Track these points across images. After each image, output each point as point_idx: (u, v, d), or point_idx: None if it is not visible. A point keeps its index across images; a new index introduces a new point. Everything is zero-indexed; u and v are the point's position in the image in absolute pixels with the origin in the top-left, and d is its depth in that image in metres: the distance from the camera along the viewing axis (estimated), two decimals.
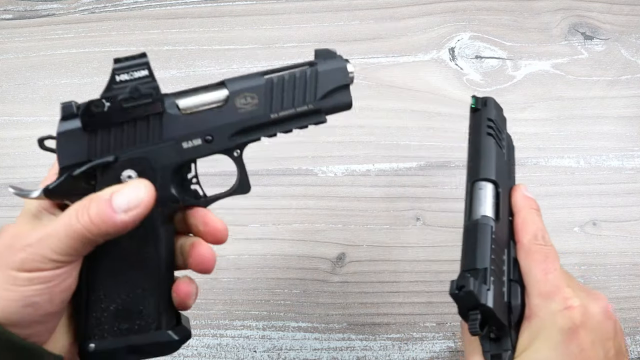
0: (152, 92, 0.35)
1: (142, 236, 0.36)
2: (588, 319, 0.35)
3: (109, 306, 0.36)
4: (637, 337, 0.57)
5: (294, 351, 0.57)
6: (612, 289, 0.59)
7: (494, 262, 0.38)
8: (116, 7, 0.74)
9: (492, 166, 0.43)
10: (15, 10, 0.75)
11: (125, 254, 0.36)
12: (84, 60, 0.71)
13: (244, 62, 0.70)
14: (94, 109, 0.35)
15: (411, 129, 0.66)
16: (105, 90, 0.35)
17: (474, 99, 0.47)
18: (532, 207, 0.42)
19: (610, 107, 0.67)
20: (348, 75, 0.39)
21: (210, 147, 0.37)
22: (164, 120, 0.36)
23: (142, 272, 0.36)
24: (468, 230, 0.41)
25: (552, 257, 0.38)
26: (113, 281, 0.36)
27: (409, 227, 0.62)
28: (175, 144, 0.36)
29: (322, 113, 0.39)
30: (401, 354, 0.56)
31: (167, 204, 0.37)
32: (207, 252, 0.37)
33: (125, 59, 0.35)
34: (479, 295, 0.35)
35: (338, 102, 0.39)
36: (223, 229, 0.38)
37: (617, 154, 0.64)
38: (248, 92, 0.37)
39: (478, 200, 0.42)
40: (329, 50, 0.40)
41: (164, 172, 0.36)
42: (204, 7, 0.73)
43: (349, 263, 0.60)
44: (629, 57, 0.69)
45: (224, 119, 0.37)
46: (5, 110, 0.69)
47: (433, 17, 0.72)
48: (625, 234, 0.61)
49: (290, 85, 0.38)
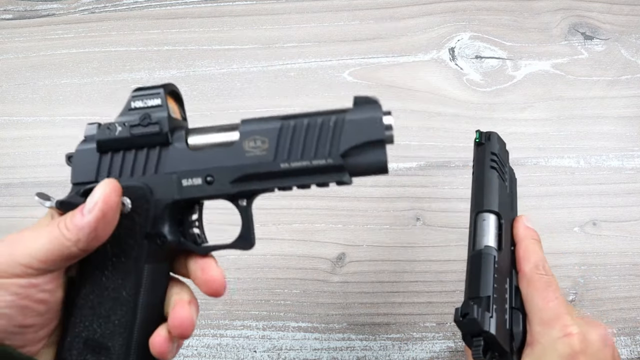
0: (160, 121, 0.34)
1: (124, 269, 0.34)
2: (587, 346, 0.36)
3: (81, 333, 0.34)
4: (637, 337, 0.57)
5: (294, 351, 0.57)
6: (612, 289, 0.59)
7: (496, 291, 0.39)
8: (116, 7, 0.74)
9: (495, 198, 0.45)
10: (15, 10, 0.75)
11: (107, 284, 0.34)
12: (84, 60, 0.71)
13: (244, 62, 0.70)
14: (107, 132, 0.35)
15: (411, 129, 0.66)
16: (120, 114, 0.35)
17: (478, 133, 0.49)
18: (533, 238, 0.44)
19: (610, 107, 0.67)
20: (383, 128, 0.33)
21: (210, 189, 0.34)
22: (168, 152, 0.35)
23: (118, 307, 0.34)
24: (472, 259, 0.42)
25: (553, 286, 0.39)
26: (90, 309, 0.34)
27: (409, 227, 0.62)
28: (176, 179, 0.34)
29: (344, 171, 0.33)
30: (401, 354, 0.56)
31: (154, 240, 0.34)
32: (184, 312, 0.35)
33: (146, 88, 0.35)
34: (482, 322, 0.37)
35: (367, 161, 0.33)
36: (219, 279, 0.35)
37: (617, 154, 0.64)
38: (259, 135, 0.34)
39: (482, 230, 0.43)
40: (369, 98, 0.34)
41: (158, 206, 0.34)
42: (204, 7, 0.73)
43: (349, 263, 0.60)
44: (629, 57, 0.69)
45: (227, 160, 0.34)
46: (5, 110, 0.69)
47: (433, 17, 0.72)
48: (625, 234, 0.61)
49: (309, 132, 0.33)
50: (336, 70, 0.69)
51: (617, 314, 0.58)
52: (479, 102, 0.67)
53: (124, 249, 0.34)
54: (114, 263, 0.34)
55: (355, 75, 0.69)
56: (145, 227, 0.34)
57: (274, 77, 0.69)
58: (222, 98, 0.68)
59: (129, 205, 0.34)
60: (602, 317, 0.58)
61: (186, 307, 0.35)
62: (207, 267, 0.35)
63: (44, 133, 0.68)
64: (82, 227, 0.31)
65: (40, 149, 0.67)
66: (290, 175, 0.34)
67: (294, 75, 0.69)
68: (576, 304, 0.58)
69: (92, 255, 0.34)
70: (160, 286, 0.36)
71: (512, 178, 0.49)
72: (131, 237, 0.34)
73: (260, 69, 0.70)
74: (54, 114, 0.68)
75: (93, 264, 0.35)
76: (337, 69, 0.69)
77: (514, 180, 0.49)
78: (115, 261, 0.34)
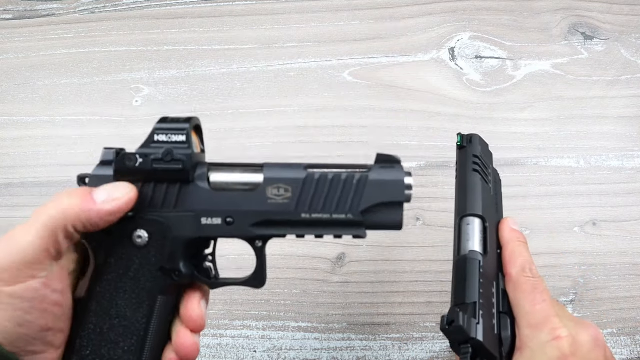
0: (184, 159, 0.34)
1: (137, 300, 0.35)
2: (577, 349, 0.36)
3: (88, 356, 0.34)
4: (637, 337, 0.57)
5: (294, 351, 0.57)
6: (612, 289, 0.59)
7: (483, 296, 0.39)
8: (116, 7, 0.74)
9: (479, 201, 0.44)
10: (15, 10, 0.75)
11: (119, 313, 0.35)
12: (84, 60, 0.71)
13: (244, 62, 0.70)
14: (127, 162, 0.34)
15: (411, 129, 0.66)
16: (142, 146, 0.35)
17: (459, 136, 0.48)
18: (519, 240, 0.43)
19: (610, 107, 0.67)
20: (404, 191, 0.34)
21: (229, 230, 0.35)
22: (189, 190, 0.35)
23: (128, 334, 0.35)
24: (457, 265, 0.42)
25: (541, 289, 0.39)
26: (99, 335, 0.35)
27: (409, 227, 0.62)
28: (195, 217, 0.35)
29: (362, 227, 0.35)
30: (401, 354, 0.56)
31: (170, 275, 0.35)
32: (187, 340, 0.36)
33: (171, 120, 0.35)
34: (468, 329, 0.36)
35: (384, 219, 0.34)
36: (198, 318, 0.36)
37: (617, 154, 0.64)
38: (283, 184, 0.34)
39: (466, 235, 0.43)
40: (392, 157, 0.35)
41: (175, 242, 0.35)
42: (204, 7, 0.73)
43: (349, 263, 0.60)
44: (629, 57, 0.69)
45: (249, 205, 0.34)
46: (5, 110, 0.69)
47: (433, 17, 0.72)
48: (625, 234, 0.61)
49: (333, 187, 0.34)
50: (336, 70, 0.69)
51: (617, 314, 0.58)
52: (479, 102, 0.67)
53: (138, 280, 0.35)
54: (127, 293, 0.35)
55: (355, 75, 0.69)
56: (161, 261, 0.35)
57: (274, 77, 0.69)
58: (222, 98, 0.68)
59: (145, 239, 0.35)
60: (602, 317, 0.58)
61: (188, 335, 0.36)
62: (189, 304, 0.37)
63: (44, 133, 0.68)
64: (89, 210, 0.32)
65: (40, 149, 0.67)
66: (309, 225, 0.35)
67: (294, 75, 0.69)
68: (576, 304, 0.58)
69: (104, 283, 0.35)
70: (169, 314, 0.36)
71: (497, 180, 0.48)
72: (146, 270, 0.35)
73: (260, 69, 0.70)
74: (54, 114, 0.68)
75: (105, 292, 0.35)
76: (337, 69, 0.69)
77: (498, 182, 0.48)
78: (129, 292, 0.35)
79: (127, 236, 0.35)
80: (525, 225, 0.61)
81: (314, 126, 0.66)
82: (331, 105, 0.67)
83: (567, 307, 0.58)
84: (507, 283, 0.41)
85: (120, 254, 0.35)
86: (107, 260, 0.35)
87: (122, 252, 0.35)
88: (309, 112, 0.67)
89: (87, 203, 0.32)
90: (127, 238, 0.35)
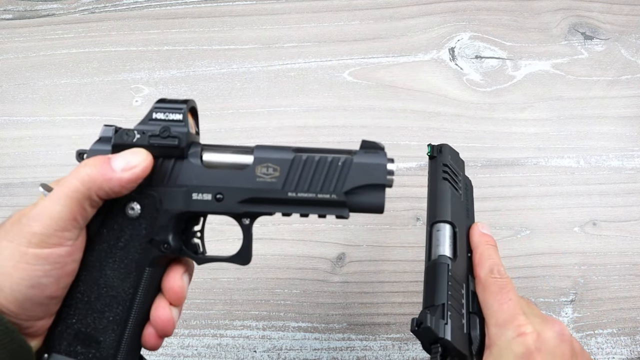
0: (179, 136, 0.35)
1: (126, 270, 0.36)
2: (542, 344, 0.37)
3: (73, 324, 0.36)
4: (637, 337, 0.57)
5: (294, 351, 0.57)
6: (612, 289, 0.59)
7: (451, 298, 0.40)
8: (116, 7, 0.74)
9: (447, 208, 0.46)
10: (15, 10, 0.75)
11: (107, 282, 0.36)
12: (84, 60, 0.71)
13: (244, 62, 0.70)
14: (125, 137, 0.36)
15: (411, 129, 0.66)
16: (140, 123, 0.36)
17: (429, 147, 0.50)
18: (488, 243, 0.45)
19: (610, 107, 0.67)
20: (386, 175, 0.36)
21: (218, 206, 0.36)
22: (182, 166, 0.36)
23: (114, 304, 0.36)
24: (427, 270, 0.44)
25: (507, 288, 0.40)
26: (86, 303, 0.36)
27: (409, 227, 0.62)
28: (186, 192, 0.36)
29: (345, 207, 0.36)
30: (401, 354, 0.56)
31: (159, 247, 0.36)
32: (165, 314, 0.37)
33: (169, 101, 0.36)
34: (436, 330, 0.38)
35: (367, 201, 0.36)
36: (179, 289, 0.37)
37: (617, 154, 0.64)
38: (272, 163, 0.36)
39: (436, 241, 0.45)
40: (376, 144, 0.37)
41: (166, 215, 0.36)
42: (204, 7, 0.73)
43: (349, 263, 0.60)
44: (629, 57, 0.69)
45: (239, 182, 0.36)
46: (5, 110, 0.69)
47: (433, 17, 0.72)
48: (625, 234, 0.61)
49: (319, 168, 0.36)
50: (336, 70, 0.69)
51: (617, 314, 0.58)
52: (479, 102, 0.67)
53: (128, 251, 0.36)
54: (116, 263, 0.36)
55: (355, 75, 0.69)
56: (151, 233, 0.36)
57: (274, 77, 0.69)
58: (222, 98, 0.68)
59: (138, 210, 0.36)
60: (602, 317, 0.58)
61: (167, 308, 0.37)
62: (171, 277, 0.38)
63: (44, 133, 0.68)
64: (110, 179, 0.33)
65: (40, 149, 0.67)
66: (295, 203, 0.36)
67: (294, 75, 0.69)
68: (576, 304, 0.58)
69: (95, 253, 0.36)
70: (154, 288, 0.37)
71: (468, 186, 0.50)
72: (136, 241, 0.36)
73: (260, 69, 0.70)
74: (54, 114, 0.68)
75: (96, 261, 0.36)
76: (337, 69, 0.69)
77: (469, 188, 0.50)
78: (119, 262, 0.36)
79: (120, 208, 0.36)
80: (525, 225, 0.61)
81: (314, 126, 0.66)
82: (331, 105, 0.67)
83: (567, 307, 0.58)
84: (476, 285, 0.42)
85: (113, 225, 0.36)
86: (99, 230, 0.36)
87: (115, 223, 0.36)
88: (309, 112, 0.67)
89: (107, 172, 0.34)
90: (120, 210, 0.36)
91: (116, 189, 0.34)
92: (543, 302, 0.58)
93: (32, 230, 0.32)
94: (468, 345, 0.40)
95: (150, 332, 0.37)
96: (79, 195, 0.33)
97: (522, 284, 0.59)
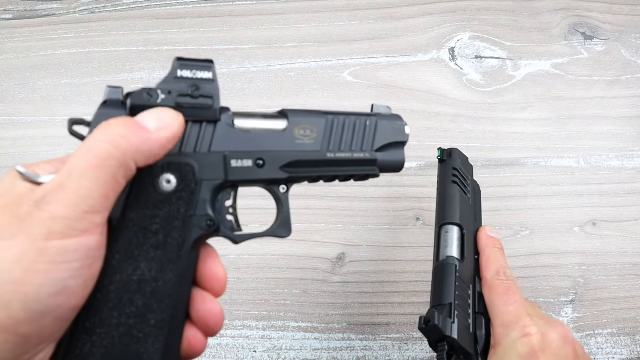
0: (212, 95, 0.32)
1: (165, 258, 0.30)
2: (546, 345, 0.38)
3: (101, 340, 0.28)
4: (637, 337, 0.57)
5: (294, 351, 0.57)
6: (612, 289, 0.59)
7: (458, 298, 0.42)
8: (116, 7, 0.74)
9: (456, 211, 0.47)
10: (15, 10, 0.75)
11: (142, 276, 0.29)
12: (84, 60, 0.71)
13: (244, 62, 0.70)
14: (146, 98, 0.30)
15: (411, 129, 0.66)
16: (163, 81, 0.31)
17: (440, 151, 0.52)
18: (495, 246, 0.46)
19: (610, 107, 0.67)
20: (405, 134, 0.39)
21: (259, 173, 0.33)
22: (217, 129, 0.32)
23: (154, 303, 0.29)
24: (435, 270, 0.45)
25: (513, 290, 0.41)
26: (116, 308, 0.28)
27: (409, 227, 0.62)
28: (224, 159, 0.32)
29: (375, 165, 0.38)
30: (401, 354, 0.56)
31: (202, 225, 0.31)
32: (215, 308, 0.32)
33: (191, 60, 0.32)
34: (444, 328, 0.39)
35: (392, 157, 0.38)
36: (223, 277, 0.33)
37: (617, 154, 0.64)
38: (308, 125, 0.35)
39: (445, 242, 0.46)
40: (386, 107, 0.40)
41: (207, 187, 0.31)
42: (204, 7, 0.73)
43: (349, 263, 0.60)
44: (629, 57, 0.69)
45: (280, 145, 0.34)
46: (5, 110, 0.69)
47: (433, 17, 0.72)
48: (625, 234, 0.61)
49: (351, 129, 0.37)
50: (336, 70, 0.69)
51: (617, 314, 0.58)
52: (479, 102, 0.67)
53: (166, 233, 0.30)
54: (152, 250, 0.29)
55: (355, 75, 0.69)
56: (190, 209, 0.31)
57: (274, 77, 0.69)
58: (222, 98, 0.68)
59: (174, 184, 0.30)
60: (602, 317, 0.58)
61: (214, 300, 0.32)
62: (211, 262, 0.33)
63: (44, 133, 0.68)
64: (146, 139, 0.27)
65: (40, 149, 0.67)
66: (333, 165, 0.36)
67: (294, 75, 0.69)
68: (576, 304, 0.58)
69: (121, 243, 0.29)
70: (192, 278, 0.32)
71: (476, 190, 0.51)
72: (175, 220, 0.30)
73: (260, 69, 0.70)
74: (54, 114, 0.68)
75: (123, 252, 0.29)
76: (337, 69, 0.69)
77: (477, 192, 0.51)
78: (154, 248, 0.30)
79: (149, 182, 0.30)
80: (525, 225, 0.61)
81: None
82: (331, 105, 0.67)
83: (567, 307, 0.58)
84: (482, 286, 0.43)
85: (143, 204, 0.29)
86: (125, 213, 0.29)
87: (146, 202, 0.30)
88: None
89: (142, 131, 0.27)
90: (150, 185, 0.30)
91: (155, 150, 0.28)
92: (543, 302, 0.58)
93: (54, 214, 0.24)
94: (474, 344, 0.41)
95: (195, 334, 0.32)
96: (114, 162, 0.26)
97: (523, 284, 0.59)
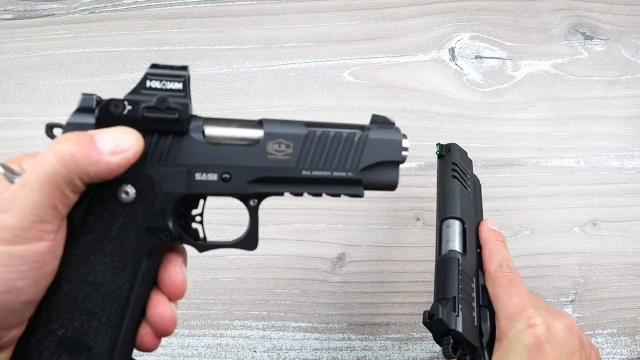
0: (179, 108, 0.31)
1: (120, 264, 0.32)
2: (552, 335, 0.38)
3: (56, 330, 0.31)
4: (637, 337, 0.57)
5: (294, 351, 0.57)
6: (612, 289, 0.59)
7: (462, 291, 0.42)
8: (116, 7, 0.74)
9: (457, 205, 0.47)
10: (15, 10, 0.75)
11: (97, 279, 0.31)
12: (84, 60, 0.71)
13: (244, 62, 0.70)
14: (113, 109, 0.30)
15: (411, 129, 0.66)
16: (131, 92, 0.31)
17: (438, 146, 0.51)
18: (497, 239, 0.46)
19: (610, 107, 0.67)
20: (401, 151, 0.35)
21: (225, 187, 0.32)
22: (183, 142, 0.32)
23: (107, 303, 0.32)
24: (438, 265, 0.45)
25: (516, 282, 0.41)
26: (72, 305, 0.31)
27: (409, 227, 0.62)
28: (188, 172, 0.32)
29: (360, 185, 0.34)
30: (401, 354, 0.56)
31: (158, 236, 0.32)
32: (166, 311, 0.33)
33: (164, 67, 0.31)
34: (448, 322, 0.39)
35: (381, 178, 0.35)
36: (181, 283, 0.33)
37: (617, 154, 0.64)
38: (284, 139, 0.33)
39: (446, 236, 0.46)
40: (387, 118, 0.35)
41: (166, 199, 0.32)
42: (204, 7, 0.73)
43: (349, 263, 0.60)
44: (629, 57, 0.69)
45: (248, 160, 0.32)
46: (5, 110, 0.69)
47: (433, 17, 0.72)
48: (625, 234, 0.61)
49: (334, 144, 0.34)
50: (336, 70, 0.69)
51: (617, 314, 0.58)
52: (479, 102, 0.67)
53: (122, 241, 0.32)
54: (108, 256, 0.31)
55: (355, 75, 0.69)
56: (148, 220, 0.32)
57: (274, 77, 0.69)
58: (222, 98, 0.68)
59: (133, 195, 0.31)
60: (602, 317, 0.58)
61: (167, 304, 0.34)
62: (170, 269, 0.34)
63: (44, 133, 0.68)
64: (97, 161, 0.28)
65: (40, 149, 0.66)
66: (308, 182, 0.34)
67: (294, 75, 0.69)
68: (576, 304, 0.58)
69: (81, 245, 0.31)
70: (151, 282, 0.34)
71: (476, 184, 0.51)
72: (131, 230, 0.32)
73: (260, 69, 0.70)
74: (54, 114, 0.68)
75: (82, 255, 0.31)
76: (337, 69, 0.69)
77: (477, 186, 0.51)
78: (110, 254, 0.32)
79: (110, 192, 0.31)
80: (525, 225, 0.61)
81: None
82: (331, 105, 0.67)
83: (567, 307, 0.58)
84: (486, 279, 0.43)
85: (102, 212, 0.31)
86: (85, 219, 0.31)
87: (104, 210, 0.31)
88: (309, 112, 0.67)
89: (93, 153, 0.28)
90: (110, 194, 0.31)
91: (102, 174, 0.29)
92: None
93: (3, 223, 0.27)
94: (479, 337, 0.40)
95: (147, 332, 0.34)
96: (59, 178, 0.28)
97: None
